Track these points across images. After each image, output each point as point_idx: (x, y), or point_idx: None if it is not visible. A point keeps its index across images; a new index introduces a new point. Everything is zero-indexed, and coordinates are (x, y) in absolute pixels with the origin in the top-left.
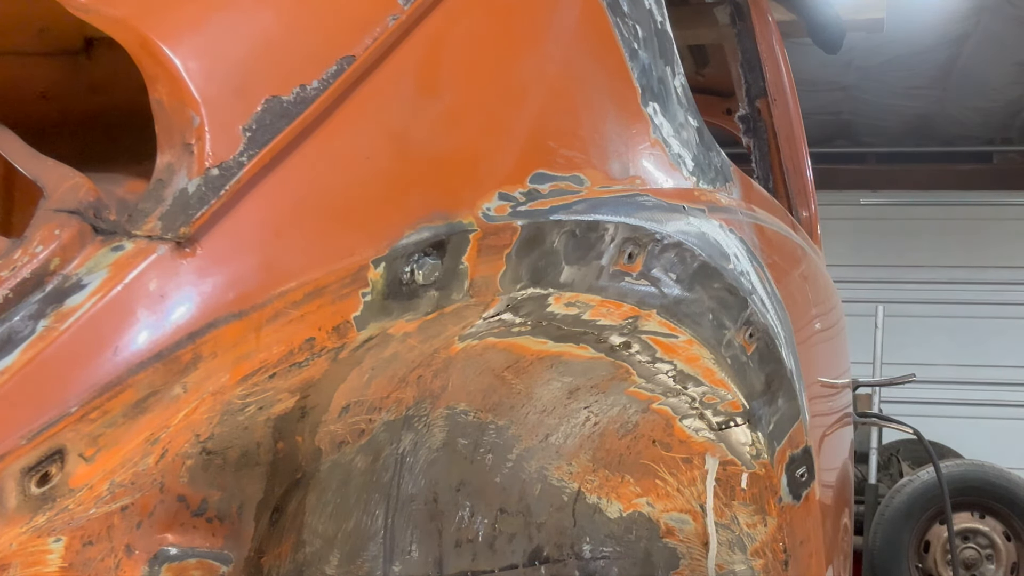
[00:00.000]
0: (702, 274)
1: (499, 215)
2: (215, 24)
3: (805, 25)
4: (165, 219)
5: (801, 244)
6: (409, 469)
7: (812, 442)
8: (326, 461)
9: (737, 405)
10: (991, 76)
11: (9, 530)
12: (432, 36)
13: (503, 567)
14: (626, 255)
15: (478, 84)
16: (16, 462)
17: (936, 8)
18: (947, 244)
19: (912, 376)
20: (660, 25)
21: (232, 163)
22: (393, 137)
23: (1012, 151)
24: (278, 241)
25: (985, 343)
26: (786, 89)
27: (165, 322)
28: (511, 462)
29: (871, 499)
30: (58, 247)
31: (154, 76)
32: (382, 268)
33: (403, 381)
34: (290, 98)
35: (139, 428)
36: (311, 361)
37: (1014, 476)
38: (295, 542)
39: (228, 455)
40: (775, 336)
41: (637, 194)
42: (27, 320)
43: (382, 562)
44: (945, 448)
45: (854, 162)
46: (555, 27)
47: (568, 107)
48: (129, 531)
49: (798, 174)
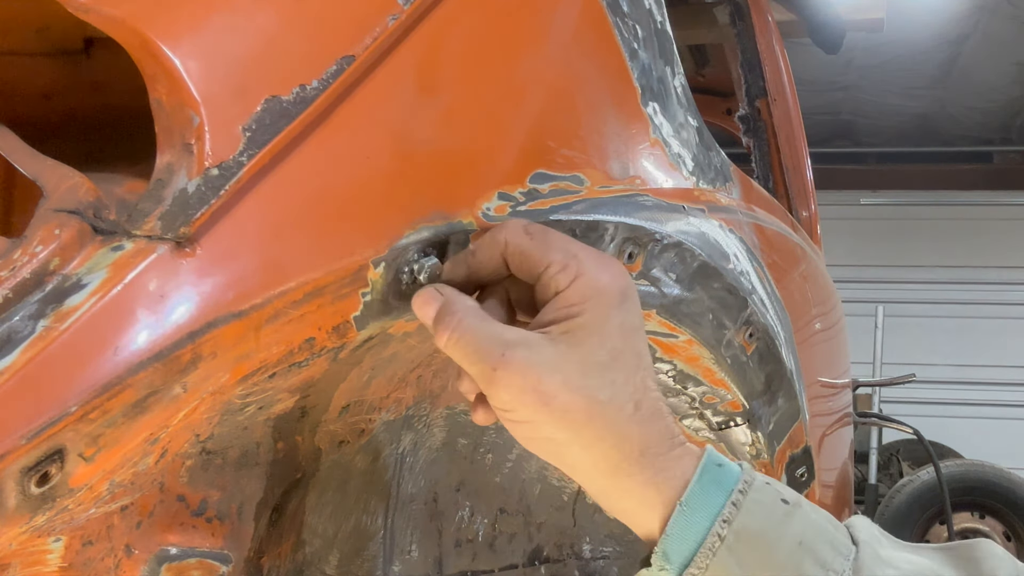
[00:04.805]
0: (702, 274)
1: (499, 215)
2: (215, 24)
3: (805, 25)
4: (165, 219)
5: (801, 244)
6: (409, 469)
7: (812, 442)
8: (326, 461)
9: (737, 405)
10: (991, 76)
11: (9, 530)
12: (432, 36)
13: (503, 567)
14: (626, 255)
15: (478, 84)
16: (16, 462)
17: (936, 8)
18: (947, 244)
19: (912, 376)
20: (660, 25)
21: (232, 163)
22: (393, 137)
23: (1012, 151)
24: (278, 241)
25: (985, 343)
26: (786, 89)
27: (165, 322)
28: (511, 462)
29: (871, 499)
30: (58, 247)
31: (154, 76)
32: (382, 268)
33: (403, 381)
34: (290, 98)
35: (139, 428)
36: (311, 361)
37: (1014, 476)
38: (295, 542)
39: (228, 455)
40: (775, 336)
41: (637, 194)
42: (27, 320)
43: (382, 562)
44: (945, 448)
45: (854, 162)
46: (555, 27)
47: (568, 107)
48: (129, 531)
49: (798, 174)
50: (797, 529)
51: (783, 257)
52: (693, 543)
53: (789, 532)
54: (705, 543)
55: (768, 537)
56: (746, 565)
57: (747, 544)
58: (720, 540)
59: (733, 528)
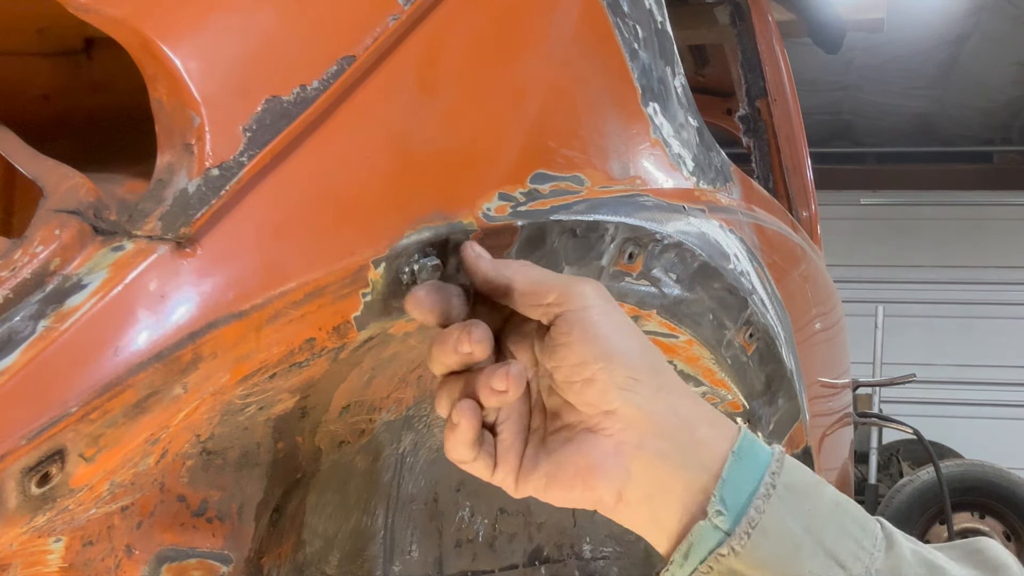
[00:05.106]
0: (702, 274)
1: (499, 215)
2: (215, 24)
3: (805, 25)
4: (165, 219)
5: (801, 244)
6: (409, 469)
7: (812, 442)
8: (326, 461)
9: (737, 405)
10: (991, 76)
11: (9, 530)
12: (432, 36)
13: (503, 567)
14: (626, 255)
15: (478, 84)
16: (16, 462)
17: (936, 8)
18: (947, 244)
19: (912, 376)
20: (660, 25)
21: (232, 163)
22: (393, 137)
23: (1012, 151)
24: (278, 241)
25: (985, 343)
26: (786, 89)
27: (165, 322)
28: None
29: (871, 499)
30: (58, 247)
31: (154, 76)
32: (382, 268)
33: (403, 381)
34: (290, 98)
35: (139, 428)
36: (311, 361)
37: (1014, 476)
38: (295, 542)
39: (228, 455)
40: (775, 336)
41: (637, 194)
42: (27, 320)
43: (382, 562)
44: (945, 448)
45: (854, 162)
46: (556, 27)
47: (568, 107)
48: (129, 531)
49: (798, 174)
50: (832, 493)
51: (783, 257)
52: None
53: (827, 493)
54: (759, 491)
55: (810, 494)
56: (797, 515)
57: (794, 495)
58: (772, 489)
59: (782, 480)
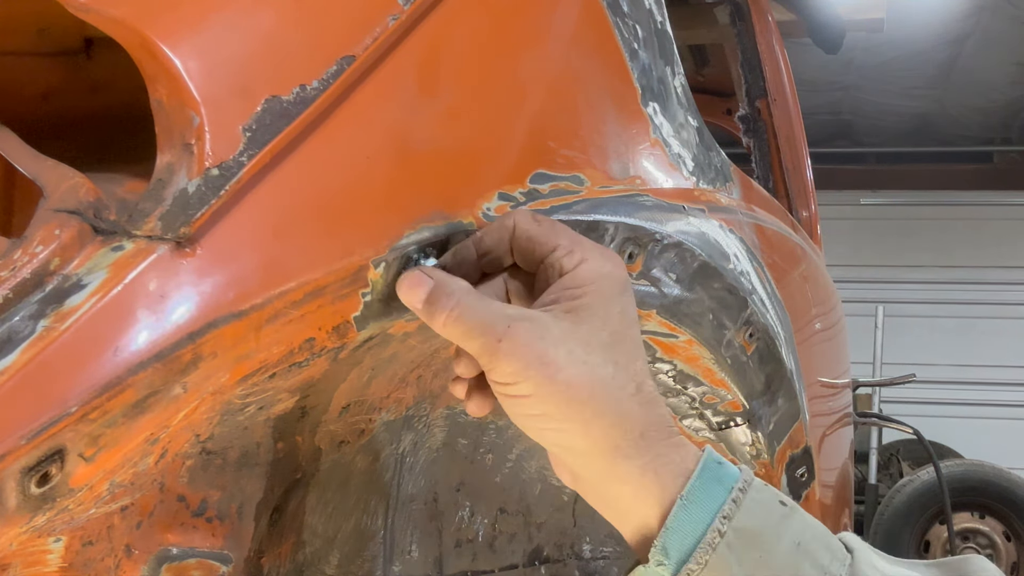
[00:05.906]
0: (702, 274)
1: (499, 215)
2: (215, 24)
3: (805, 25)
4: (165, 219)
5: (801, 244)
6: (409, 469)
7: (812, 442)
8: (326, 461)
9: (737, 405)
10: (991, 76)
11: (9, 530)
12: (432, 36)
13: (503, 567)
14: (626, 255)
15: (478, 84)
16: (16, 462)
17: (936, 8)
18: (947, 244)
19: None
20: (660, 25)
21: (232, 163)
22: (393, 137)
23: (1012, 151)
24: (278, 241)
25: (985, 343)
26: (786, 89)
27: (165, 322)
28: (511, 462)
29: (871, 499)
30: (58, 247)
31: (154, 76)
32: (382, 268)
33: (403, 381)
34: (290, 98)
35: (139, 428)
36: (311, 361)
37: (1014, 476)
38: (295, 542)
39: (228, 455)
40: (775, 336)
41: (637, 194)
42: (27, 320)
43: (382, 562)
44: (945, 448)
45: (854, 162)
46: (555, 27)
47: (568, 107)
48: (129, 531)
49: (798, 174)
50: (796, 530)
51: (783, 257)
52: (693, 539)
53: (787, 533)
54: (705, 539)
55: (767, 537)
56: (745, 563)
57: (746, 542)
58: (720, 536)
59: (733, 525)
